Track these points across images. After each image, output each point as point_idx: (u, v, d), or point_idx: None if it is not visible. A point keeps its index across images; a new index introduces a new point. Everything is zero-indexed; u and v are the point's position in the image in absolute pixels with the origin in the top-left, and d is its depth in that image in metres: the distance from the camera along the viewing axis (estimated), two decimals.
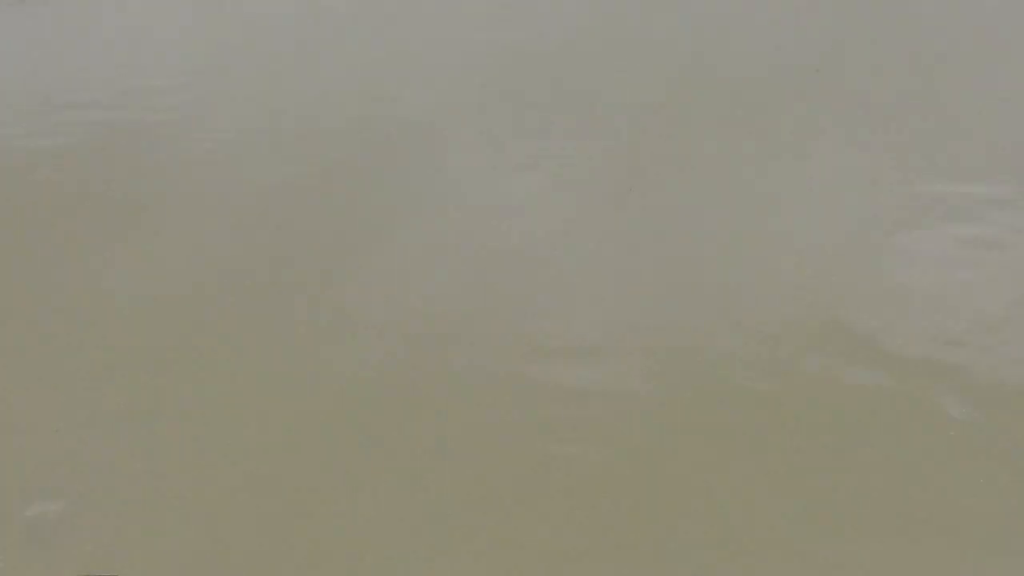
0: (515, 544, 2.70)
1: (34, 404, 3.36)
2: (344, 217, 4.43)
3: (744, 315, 3.55)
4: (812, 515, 2.79)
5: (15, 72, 6.64)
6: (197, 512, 2.85)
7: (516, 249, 4.04)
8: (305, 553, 2.68)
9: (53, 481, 3.02)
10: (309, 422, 3.15)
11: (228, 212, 4.57)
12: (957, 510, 2.76)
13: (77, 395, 3.37)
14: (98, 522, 2.87)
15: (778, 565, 2.60)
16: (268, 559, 2.67)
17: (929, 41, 5.93)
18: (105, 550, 2.74)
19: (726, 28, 6.26)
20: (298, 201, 4.61)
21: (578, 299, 3.72)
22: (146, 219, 4.47)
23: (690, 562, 2.61)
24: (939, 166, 4.44)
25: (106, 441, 3.16)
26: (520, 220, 4.21)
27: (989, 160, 4.45)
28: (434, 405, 3.22)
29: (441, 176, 4.69)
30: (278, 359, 3.42)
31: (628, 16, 6.33)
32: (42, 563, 2.71)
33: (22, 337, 3.67)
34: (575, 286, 3.81)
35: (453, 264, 3.96)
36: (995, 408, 3.08)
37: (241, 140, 5.33)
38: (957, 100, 5.13)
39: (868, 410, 3.09)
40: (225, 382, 3.36)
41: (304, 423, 3.15)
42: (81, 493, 2.98)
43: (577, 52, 6.00)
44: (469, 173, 4.74)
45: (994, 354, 3.31)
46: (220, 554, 2.69)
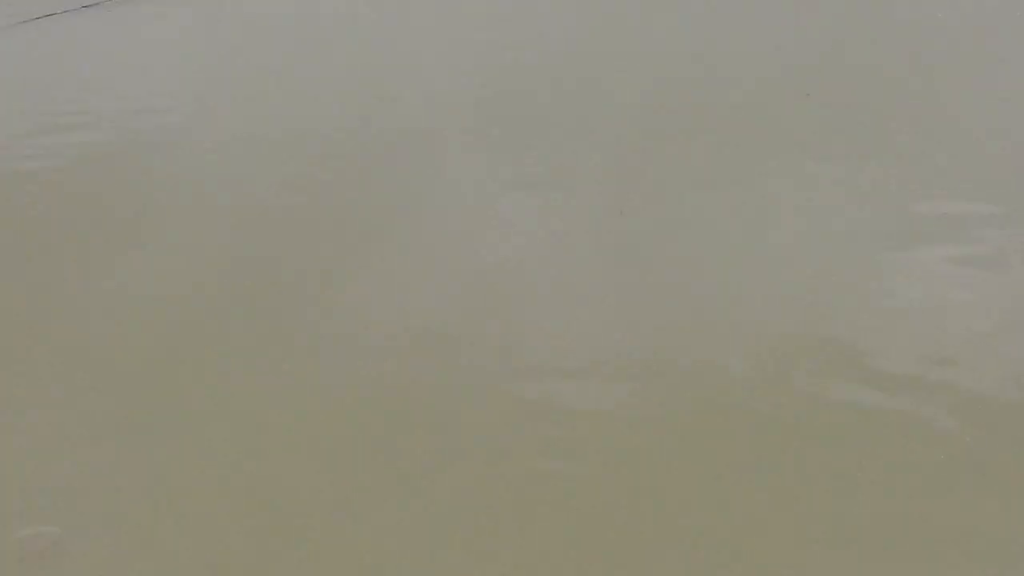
0: (504, 562, 2.70)
1: (27, 421, 3.36)
2: (337, 230, 4.45)
3: (735, 333, 3.57)
4: (805, 532, 2.80)
5: (3, 94, 6.64)
6: (194, 528, 2.85)
7: (506, 267, 4.05)
8: (299, 571, 2.69)
9: (47, 500, 3.01)
10: (292, 441, 3.16)
11: (222, 225, 4.58)
12: (949, 526, 2.77)
13: (71, 412, 3.37)
14: (93, 542, 2.86)
15: None
16: None
17: (921, 60, 6.02)
18: (101, 571, 2.73)
19: (718, 48, 6.34)
20: (291, 213, 4.63)
21: (570, 316, 3.73)
22: (140, 235, 4.49)
23: None
24: (931, 185, 4.48)
25: (101, 458, 3.16)
26: (511, 237, 4.24)
27: (982, 178, 4.49)
28: (424, 422, 3.23)
29: (433, 193, 4.71)
30: (264, 377, 3.43)
31: (624, 33, 6.38)
32: None
33: (13, 352, 3.67)
34: (567, 303, 3.82)
35: (444, 281, 3.98)
36: (987, 425, 3.10)
37: (233, 156, 5.35)
38: (949, 120, 5.18)
39: (859, 427, 3.11)
40: (218, 399, 3.36)
41: (288, 442, 3.15)
42: (76, 512, 2.98)
43: (571, 72, 6.05)
44: (460, 191, 4.77)
45: (985, 372, 3.33)
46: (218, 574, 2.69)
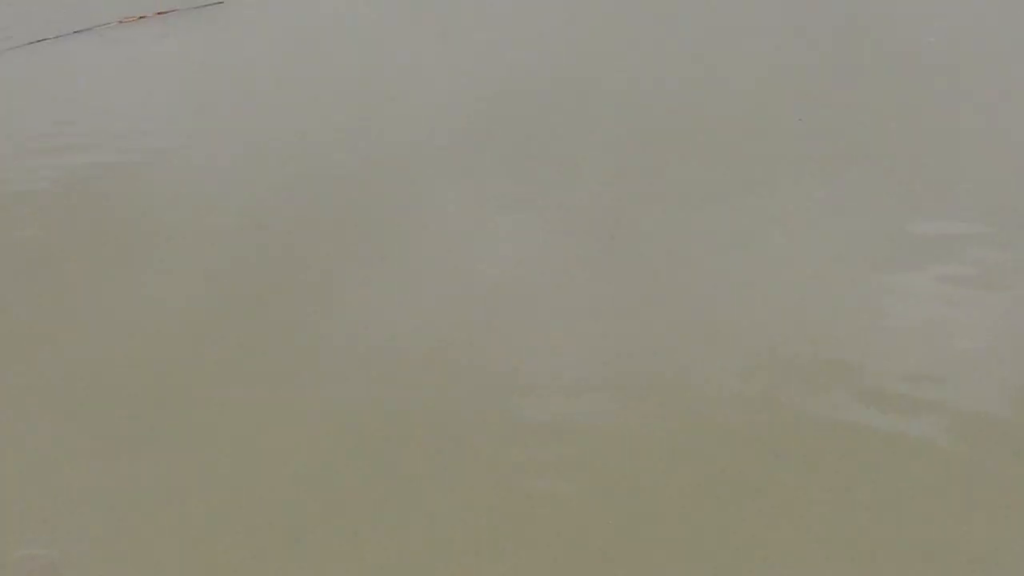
0: None
1: (21, 442, 3.34)
2: (334, 249, 4.45)
3: (727, 352, 3.59)
4: (797, 551, 2.80)
5: None
6: (193, 549, 2.83)
7: (497, 286, 4.06)
8: None
9: (43, 521, 2.99)
10: (292, 462, 3.15)
11: (219, 244, 4.57)
12: (941, 543, 2.77)
13: (70, 429, 3.36)
14: (90, 564, 2.85)
15: None
16: None
17: (913, 80, 6.01)
18: None
19: (712, 69, 6.36)
20: (290, 231, 4.62)
21: (562, 336, 3.73)
22: (137, 254, 4.48)
23: None
24: (924, 204, 4.49)
25: (98, 479, 3.14)
26: (502, 258, 4.24)
27: (974, 198, 4.51)
28: (413, 442, 3.22)
29: (425, 215, 4.72)
30: (264, 397, 3.42)
31: (609, 69, 6.42)
32: None
33: (9, 375, 3.66)
34: (557, 323, 3.83)
35: (435, 301, 3.98)
36: (980, 443, 3.12)
37: (226, 179, 5.35)
38: (942, 140, 5.20)
39: (851, 445, 3.11)
40: (217, 423, 3.36)
41: (287, 463, 3.14)
42: (72, 533, 2.96)
43: (560, 103, 6.07)
44: (451, 212, 4.77)
45: (978, 390, 3.36)
46: None
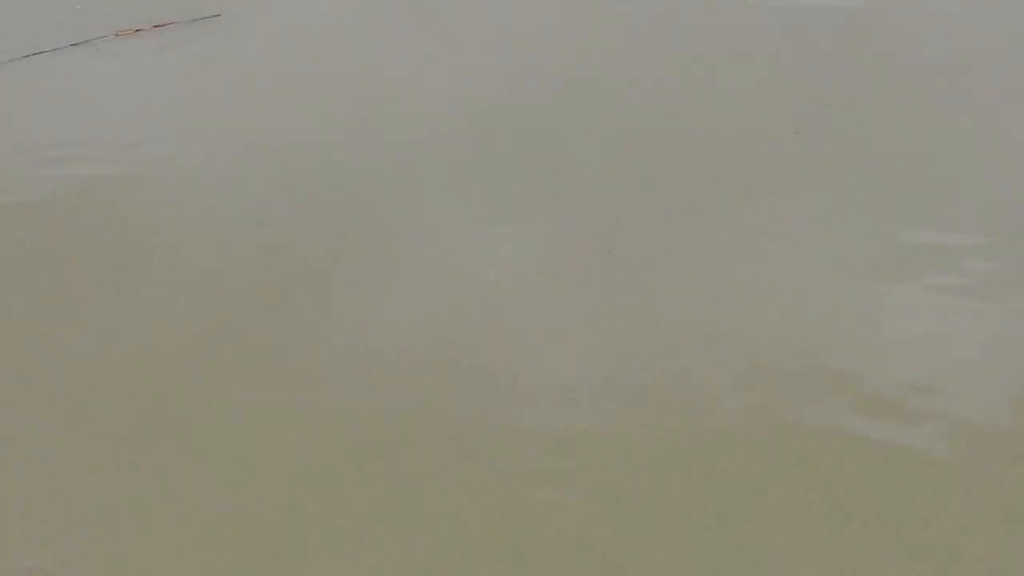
0: None
1: (22, 443, 3.35)
2: (332, 259, 4.45)
3: (724, 363, 3.60)
4: (796, 559, 2.81)
5: None
6: (190, 546, 2.84)
7: (496, 287, 4.07)
8: None
9: (34, 532, 3.00)
10: (290, 470, 3.14)
11: (218, 254, 4.58)
12: (939, 552, 2.79)
13: (67, 432, 3.37)
14: (90, 564, 2.85)
15: None
16: None
17: (909, 92, 6.01)
18: None
19: (706, 85, 6.36)
20: (288, 241, 4.63)
21: (561, 347, 3.74)
22: (134, 265, 4.48)
23: None
24: (920, 215, 4.51)
25: (98, 479, 3.15)
26: (502, 259, 4.25)
27: (970, 209, 4.53)
28: (413, 443, 3.23)
29: (425, 215, 4.72)
30: (261, 406, 3.42)
31: (609, 75, 6.41)
32: None
33: (9, 376, 3.66)
34: (558, 334, 3.83)
35: (435, 302, 3.99)
36: (976, 452, 3.13)
37: (225, 183, 5.35)
38: (937, 152, 5.21)
39: (848, 454, 3.12)
40: (214, 432, 3.36)
41: (285, 471, 3.14)
42: (72, 533, 2.98)
43: (559, 108, 6.06)
44: (451, 212, 4.78)
45: (974, 400, 3.37)
46: None
